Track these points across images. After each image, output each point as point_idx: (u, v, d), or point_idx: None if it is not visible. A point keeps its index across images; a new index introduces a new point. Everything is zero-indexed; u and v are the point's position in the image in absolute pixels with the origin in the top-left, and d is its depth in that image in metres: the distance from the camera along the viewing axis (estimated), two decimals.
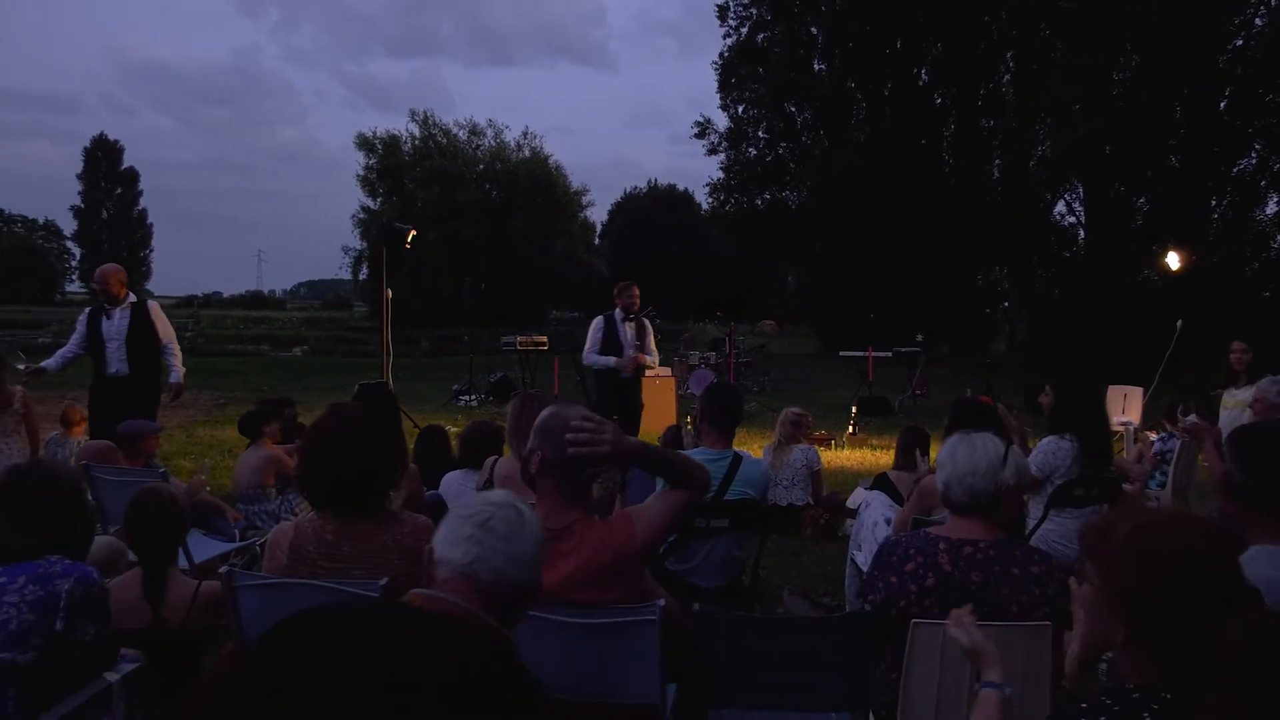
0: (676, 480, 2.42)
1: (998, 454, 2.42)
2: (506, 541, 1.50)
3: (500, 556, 1.49)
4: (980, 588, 2.33)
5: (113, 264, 6.85)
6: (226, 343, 30.16)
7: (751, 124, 32.07)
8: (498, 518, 1.52)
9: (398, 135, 42.76)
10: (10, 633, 2.15)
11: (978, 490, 2.40)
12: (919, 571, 2.38)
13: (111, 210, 66.03)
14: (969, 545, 2.39)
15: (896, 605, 2.38)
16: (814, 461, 6.31)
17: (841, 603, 4.55)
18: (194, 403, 13.82)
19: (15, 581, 2.20)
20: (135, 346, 6.48)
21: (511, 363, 15.41)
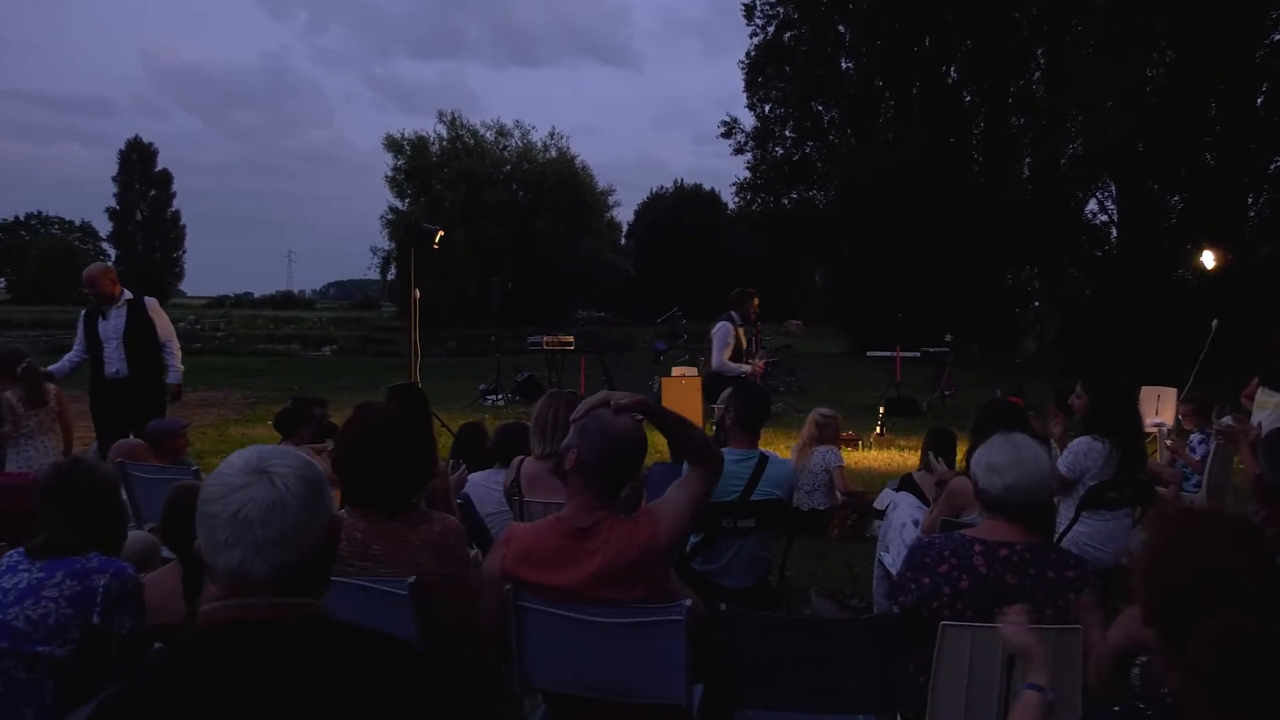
0: (693, 450, 2.42)
1: (1040, 459, 2.45)
2: (267, 526, 1.29)
3: (269, 548, 1.29)
4: (1015, 591, 2.31)
5: (99, 263, 6.73)
6: (257, 342, 30.50)
7: (778, 123, 31.90)
8: (248, 505, 1.29)
9: (426, 136, 43.07)
10: (49, 627, 2.21)
11: (1017, 493, 2.39)
12: (953, 573, 2.37)
13: (146, 212, 67.03)
14: (1004, 548, 2.37)
15: (929, 607, 2.37)
16: (832, 461, 6.24)
17: (869, 604, 4.52)
18: (225, 401, 14.02)
19: (54, 577, 2.26)
20: (133, 345, 6.31)
21: (538, 362, 15.46)
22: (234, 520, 1.29)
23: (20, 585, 2.25)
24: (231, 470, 1.34)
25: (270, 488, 1.31)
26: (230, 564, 1.29)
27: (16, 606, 2.22)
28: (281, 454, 1.36)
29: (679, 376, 11.37)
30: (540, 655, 2.33)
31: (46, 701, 2.21)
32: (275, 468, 1.33)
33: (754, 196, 32.68)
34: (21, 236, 77.73)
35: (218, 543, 1.29)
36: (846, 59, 30.96)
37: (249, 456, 1.36)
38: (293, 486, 1.32)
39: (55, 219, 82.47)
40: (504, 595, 2.29)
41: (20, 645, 2.19)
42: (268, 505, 1.30)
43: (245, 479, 1.32)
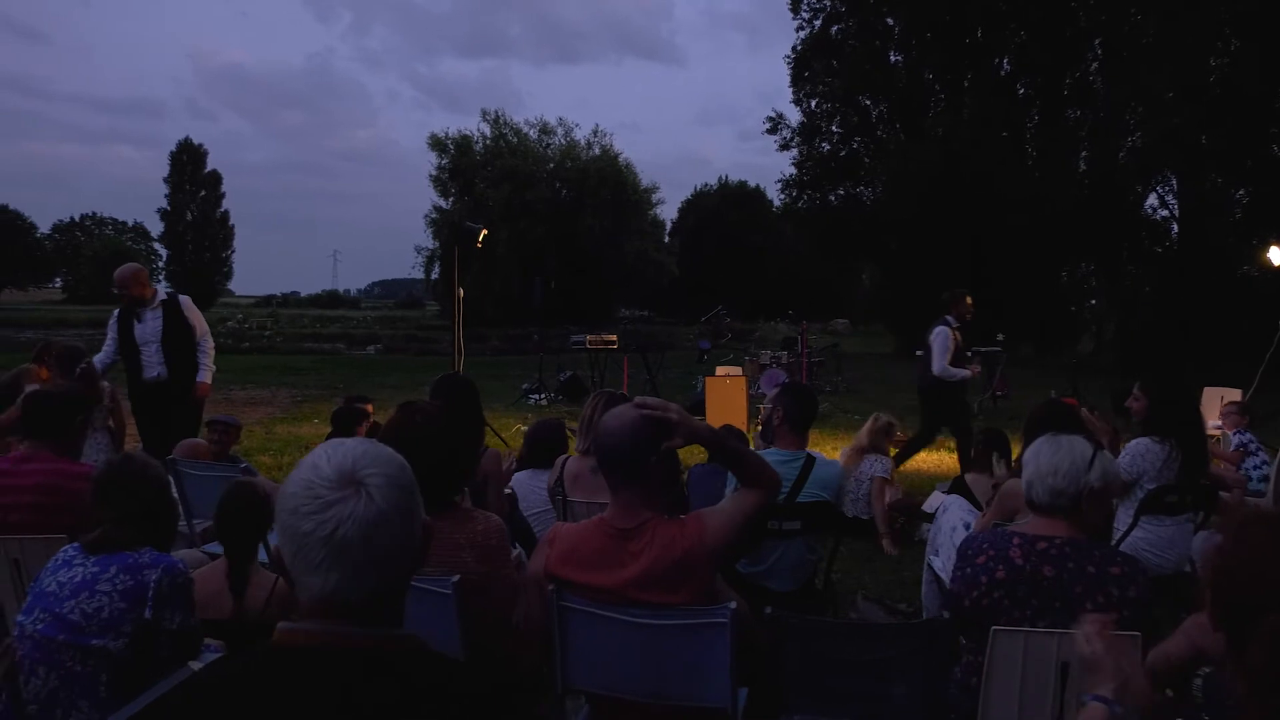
0: (746, 476, 2.35)
1: (1084, 456, 2.38)
2: (369, 546, 1.16)
3: (369, 570, 1.17)
4: (1051, 582, 2.30)
5: (130, 264, 6.39)
6: (303, 341, 31.03)
7: (825, 118, 31.63)
8: (346, 523, 1.15)
9: (469, 135, 43.48)
10: (103, 620, 2.25)
11: (1058, 490, 2.37)
12: (989, 564, 2.38)
13: (196, 212, 68.70)
14: (1043, 541, 2.36)
15: (970, 596, 2.38)
16: (877, 470, 6.05)
17: (918, 609, 4.43)
18: (272, 400, 14.28)
19: (107, 571, 2.31)
20: (172, 348, 6.15)
21: (581, 361, 15.50)
22: (330, 540, 1.14)
23: (75, 579, 2.30)
24: (322, 479, 1.18)
25: (370, 502, 1.17)
26: (326, 588, 1.16)
27: (72, 600, 2.26)
28: (372, 457, 1.22)
29: (723, 376, 11.31)
30: (583, 656, 2.31)
31: (100, 694, 2.24)
32: (369, 476, 1.19)
33: (800, 193, 32.45)
34: (77, 237, 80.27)
35: (311, 563, 1.16)
36: (895, 52, 30.58)
37: (340, 462, 1.20)
38: (391, 499, 1.19)
39: (109, 220, 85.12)
40: (547, 595, 2.28)
41: (75, 638, 2.23)
42: (369, 524, 1.15)
43: (339, 491, 1.16)
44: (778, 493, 2.44)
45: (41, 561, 2.90)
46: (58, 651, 2.22)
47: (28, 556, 2.94)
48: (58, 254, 77.41)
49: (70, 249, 77.56)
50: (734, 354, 16.58)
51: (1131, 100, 21.04)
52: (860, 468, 6.07)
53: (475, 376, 5.19)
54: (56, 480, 3.14)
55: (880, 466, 6.06)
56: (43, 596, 2.30)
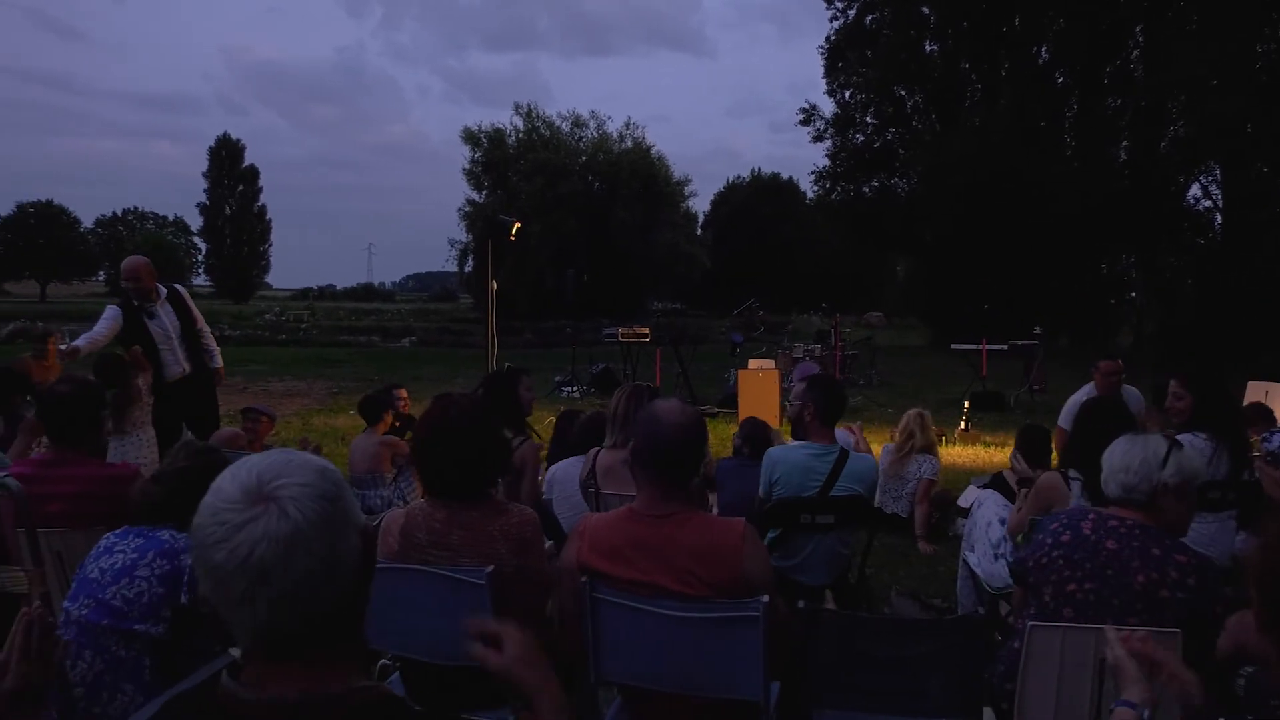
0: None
1: (1157, 454, 2.43)
2: (291, 566, 1.02)
3: (299, 597, 1.03)
4: (1110, 554, 2.36)
5: (139, 256, 6.00)
6: (339, 333, 31.40)
7: (859, 109, 31.37)
8: (260, 544, 1.02)
9: (502, 129, 43.68)
10: (144, 605, 2.30)
11: (1129, 486, 2.42)
12: (1059, 530, 2.48)
13: (234, 207, 69.77)
14: (1115, 520, 2.43)
15: (1033, 558, 2.48)
16: (927, 471, 5.96)
17: (953, 605, 4.40)
18: (309, 391, 14.46)
19: (145, 557, 2.35)
20: (189, 341, 5.92)
21: (613, 354, 15.52)
22: (245, 568, 1.01)
23: (116, 566, 2.35)
24: (227, 501, 1.04)
25: (284, 517, 1.03)
26: (255, 621, 1.03)
27: (114, 585, 2.31)
28: (282, 466, 1.08)
29: (756, 369, 11.27)
30: (615, 648, 2.32)
31: (145, 678, 2.29)
32: (280, 489, 1.05)
33: (833, 185, 32.23)
34: (119, 232, 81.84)
35: (234, 598, 1.02)
36: (931, 41, 30.21)
37: (245, 479, 1.06)
38: (310, 510, 1.05)
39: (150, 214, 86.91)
40: (580, 587, 2.29)
41: (119, 623, 2.28)
42: (287, 541, 1.02)
43: (247, 511, 1.03)
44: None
45: (83, 554, 2.98)
46: (102, 636, 2.28)
47: (69, 549, 3.00)
48: (100, 248, 79.00)
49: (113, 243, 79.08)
50: (766, 347, 16.49)
51: (1174, 88, 20.58)
52: (909, 467, 6.02)
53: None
54: (93, 489, 3.12)
55: (930, 468, 5.99)
56: (86, 583, 2.35)
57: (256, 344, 26.08)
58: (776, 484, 3.59)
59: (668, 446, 2.28)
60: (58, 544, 2.96)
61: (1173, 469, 2.40)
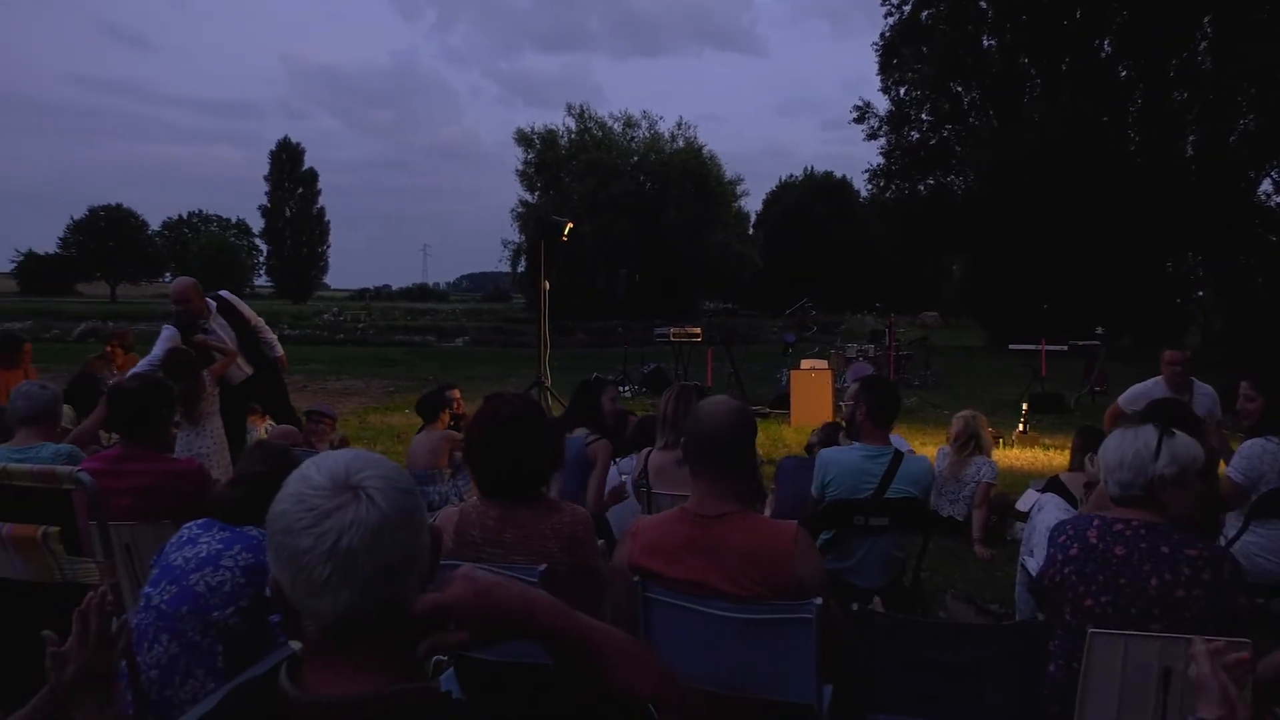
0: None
1: (1148, 446, 2.33)
2: (376, 554, 1.05)
3: (380, 585, 1.05)
4: (1120, 561, 2.28)
5: (185, 278, 6.06)
6: (394, 333, 31.90)
7: (914, 106, 30.95)
8: (349, 531, 1.04)
9: (555, 130, 43.98)
10: (225, 594, 2.38)
11: (1125, 482, 2.35)
12: (1067, 543, 2.40)
13: (294, 209, 71.35)
14: (1120, 523, 2.35)
15: (1047, 574, 2.41)
16: (986, 474, 5.85)
17: (1011, 610, 4.31)
18: (366, 390, 14.72)
19: (231, 549, 2.44)
20: (247, 346, 6.03)
21: (664, 354, 15.51)
22: (334, 553, 1.03)
23: (201, 554, 2.43)
24: (315, 489, 1.07)
25: (371, 506, 1.06)
26: (338, 609, 1.04)
27: (197, 573, 2.39)
28: (365, 460, 1.12)
29: (808, 369, 11.18)
30: (668, 648, 2.32)
31: (216, 665, 2.37)
32: (366, 480, 1.08)
33: (888, 183, 31.85)
34: (184, 233, 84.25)
35: (316, 585, 1.04)
36: (989, 36, 29.69)
37: (332, 468, 1.09)
38: (393, 501, 1.08)
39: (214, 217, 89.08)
40: (632, 587, 2.30)
41: (198, 609, 2.36)
42: (375, 529, 1.05)
43: (336, 498, 1.05)
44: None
45: (151, 546, 3.07)
46: (180, 622, 2.35)
47: (137, 541, 3.10)
48: (167, 250, 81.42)
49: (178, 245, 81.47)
50: (819, 347, 16.34)
51: (1243, 80, 19.92)
52: (969, 470, 5.92)
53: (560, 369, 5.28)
54: (158, 483, 3.22)
55: (989, 471, 5.87)
56: (169, 570, 2.43)
57: (315, 343, 26.64)
58: (829, 485, 3.56)
59: (714, 440, 2.29)
60: (126, 536, 3.06)
61: (1167, 459, 2.30)
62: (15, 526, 2.41)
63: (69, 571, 2.40)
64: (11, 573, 2.46)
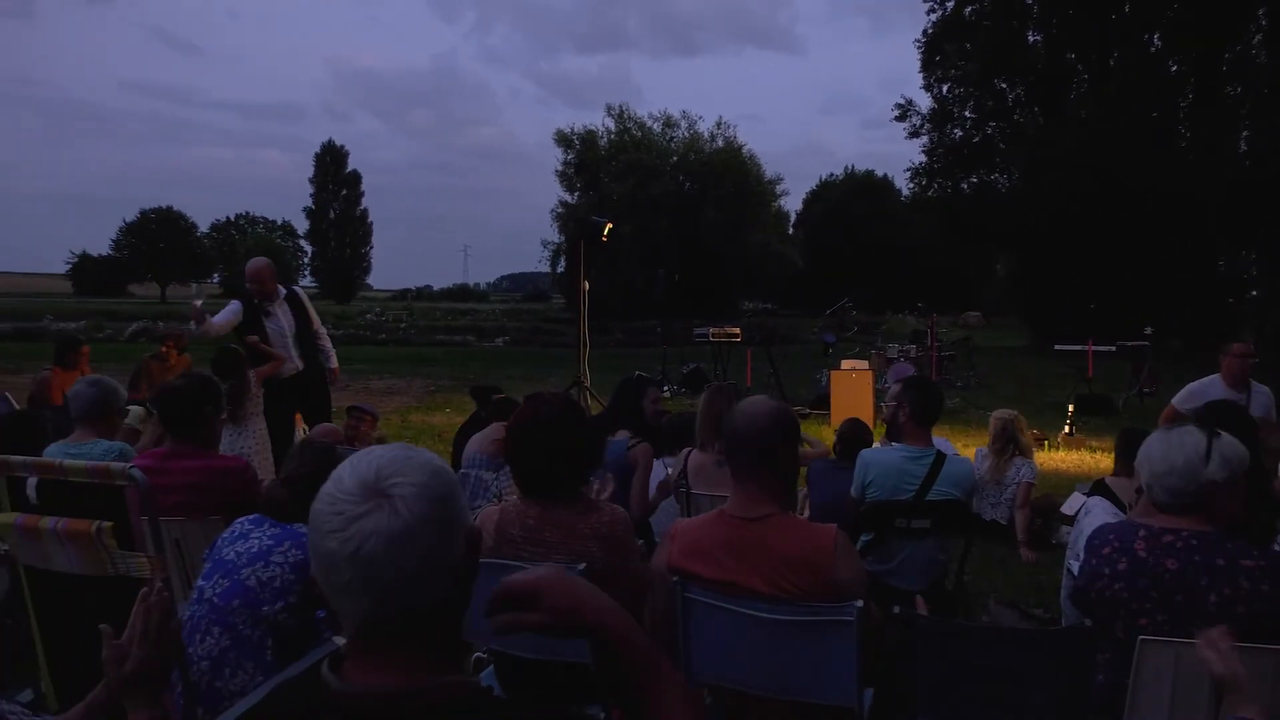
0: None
1: (1198, 450, 2.23)
2: (396, 564, 1.05)
3: (399, 595, 1.06)
4: (1174, 576, 2.18)
5: (262, 258, 6.28)
6: (435, 333, 32.22)
7: (957, 103, 30.56)
8: (369, 540, 1.04)
9: (594, 130, 44.13)
10: (275, 589, 2.44)
11: (1176, 489, 2.25)
12: (1113, 555, 2.29)
13: (338, 210, 72.42)
14: (1170, 534, 2.24)
15: (1093, 589, 2.31)
16: (1026, 475, 5.80)
17: (1056, 615, 4.23)
18: (407, 389, 14.88)
19: (281, 545, 2.50)
20: (304, 340, 6.15)
21: (703, 354, 15.48)
22: (355, 559, 1.04)
23: (252, 550, 2.49)
24: (344, 492, 1.08)
25: (394, 515, 1.05)
26: (357, 613, 1.07)
27: (249, 568, 2.46)
28: (402, 464, 1.11)
29: (849, 370, 11.07)
30: (707, 650, 2.32)
31: (265, 658, 2.42)
32: (395, 486, 1.07)
33: (930, 182, 31.49)
34: (233, 235, 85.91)
35: (339, 586, 1.06)
36: (1034, 31, 29.21)
37: (364, 472, 1.09)
38: (420, 510, 1.07)
39: (260, 219, 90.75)
40: (672, 589, 2.29)
41: (249, 604, 2.42)
42: (395, 539, 1.05)
43: (362, 504, 1.06)
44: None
45: (200, 541, 3.15)
46: (231, 615, 2.41)
47: (186, 537, 3.17)
48: (215, 251, 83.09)
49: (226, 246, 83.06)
50: (860, 347, 16.19)
51: None
52: (1009, 472, 5.84)
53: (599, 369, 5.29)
54: (205, 479, 3.29)
55: (1028, 471, 5.82)
56: (222, 564, 2.50)
57: (358, 343, 26.98)
58: (870, 486, 3.53)
59: (753, 441, 2.28)
60: (176, 532, 3.14)
61: (1218, 463, 2.20)
62: (70, 521, 2.47)
63: (121, 566, 2.46)
64: (66, 566, 2.52)
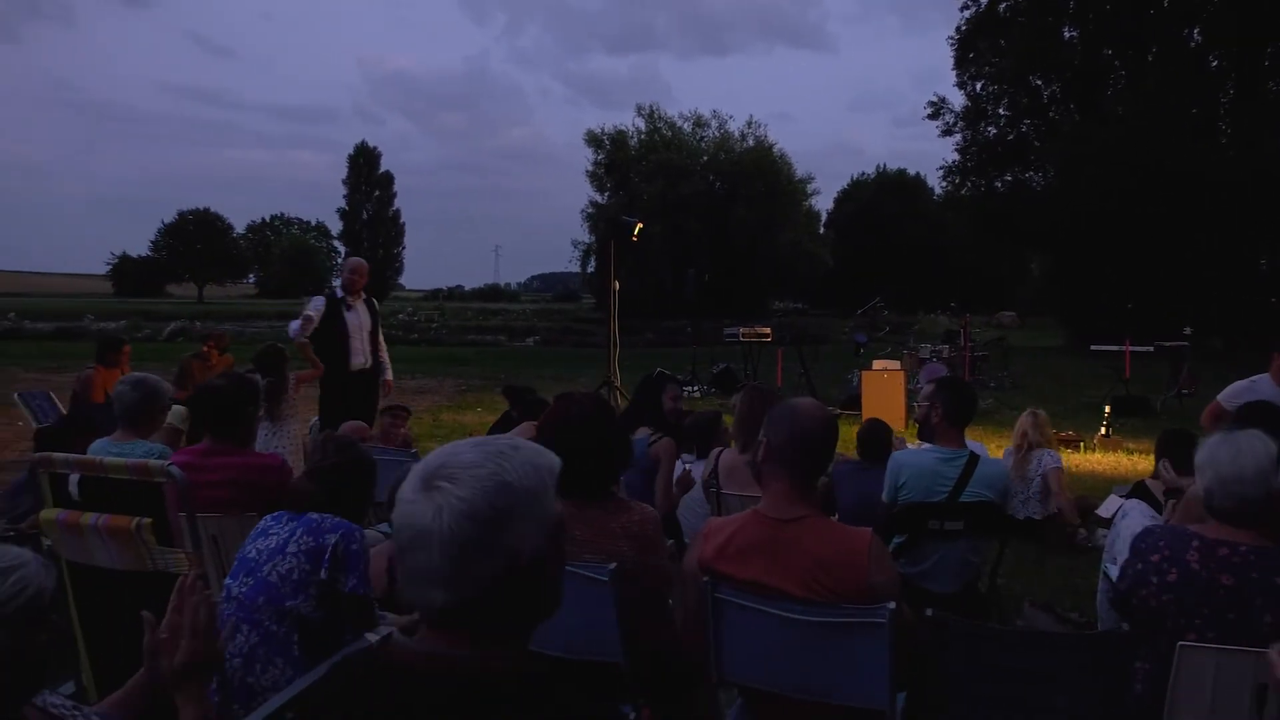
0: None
1: (1269, 456, 2.16)
2: (441, 552, 1.07)
3: (440, 579, 1.08)
4: (1228, 592, 2.11)
5: (358, 257, 6.90)
6: (467, 333, 32.45)
7: (991, 101, 30.22)
8: (405, 530, 1.09)
9: (625, 130, 44.21)
10: (294, 582, 2.46)
11: (1247, 498, 2.17)
12: (1163, 564, 2.22)
13: (370, 211, 73.09)
14: (1225, 547, 2.17)
15: (1137, 595, 2.25)
16: (1048, 464, 5.77)
17: (1091, 619, 4.17)
18: (438, 389, 15.00)
19: (295, 535, 2.52)
20: (373, 338, 6.65)
21: (734, 354, 15.44)
22: (412, 545, 1.09)
23: (271, 545, 2.52)
24: (411, 481, 1.12)
25: (440, 510, 1.07)
26: (421, 597, 1.10)
27: (269, 564, 2.48)
28: (461, 459, 1.12)
29: (880, 370, 11.00)
30: (738, 649, 2.31)
31: (293, 653, 2.44)
32: (445, 482, 1.09)
33: (963, 180, 31.18)
34: (268, 236, 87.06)
35: (403, 566, 1.11)
36: (1070, 27, 28.78)
37: (427, 464, 1.12)
38: (461, 508, 1.07)
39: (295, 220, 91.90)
40: (703, 588, 2.29)
41: (273, 599, 2.45)
42: (439, 530, 1.07)
43: (417, 495, 1.09)
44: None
45: (236, 537, 3.19)
46: (258, 612, 2.44)
47: (224, 533, 3.22)
48: (251, 252, 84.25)
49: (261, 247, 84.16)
50: (891, 348, 16.05)
51: None
52: (1030, 466, 5.78)
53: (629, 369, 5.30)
54: (242, 475, 3.34)
55: (1051, 459, 5.81)
56: (245, 562, 2.53)
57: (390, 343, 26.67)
58: (902, 488, 3.50)
59: (806, 441, 2.27)
60: (213, 528, 3.19)
61: None
62: (111, 517, 2.51)
63: (160, 561, 2.50)
64: (106, 561, 2.57)
